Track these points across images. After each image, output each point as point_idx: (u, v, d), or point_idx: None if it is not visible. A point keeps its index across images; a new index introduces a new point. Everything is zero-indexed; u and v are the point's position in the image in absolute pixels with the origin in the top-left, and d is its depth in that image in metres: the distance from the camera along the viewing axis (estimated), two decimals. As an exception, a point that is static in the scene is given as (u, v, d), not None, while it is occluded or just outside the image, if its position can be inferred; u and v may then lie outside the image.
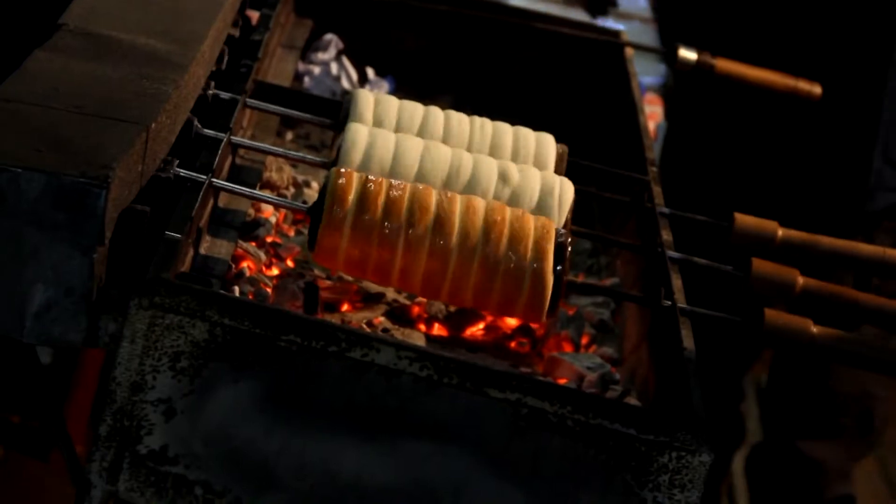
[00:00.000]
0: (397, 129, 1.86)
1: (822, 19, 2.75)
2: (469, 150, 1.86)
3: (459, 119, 1.89)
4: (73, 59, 1.63)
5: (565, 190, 1.78)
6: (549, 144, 1.90)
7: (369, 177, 1.65)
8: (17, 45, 1.68)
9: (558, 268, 1.64)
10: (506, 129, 1.91)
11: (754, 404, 4.00)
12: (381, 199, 1.63)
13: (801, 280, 1.78)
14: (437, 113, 1.89)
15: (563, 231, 1.68)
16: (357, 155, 1.76)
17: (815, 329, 1.68)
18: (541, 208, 1.76)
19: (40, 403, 1.70)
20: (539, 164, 1.88)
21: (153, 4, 1.84)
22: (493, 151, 1.87)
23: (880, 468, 3.82)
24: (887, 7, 2.70)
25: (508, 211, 1.67)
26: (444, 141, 1.86)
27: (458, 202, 1.65)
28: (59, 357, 2.24)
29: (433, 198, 1.64)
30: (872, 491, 3.70)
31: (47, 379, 1.63)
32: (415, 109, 1.89)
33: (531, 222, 1.65)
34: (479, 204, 1.66)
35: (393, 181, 1.66)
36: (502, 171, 1.78)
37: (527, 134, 1.91)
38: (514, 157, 1.87)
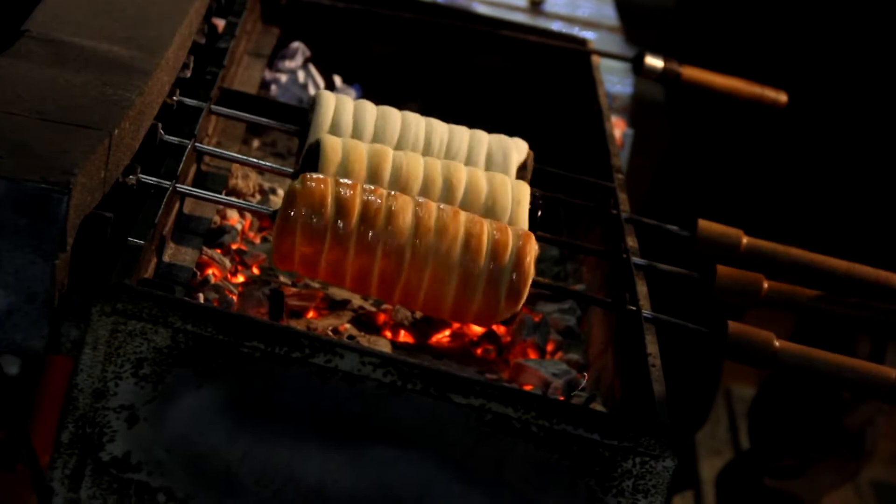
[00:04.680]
0: (355, 132, 1.87)
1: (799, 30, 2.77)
2: (426, 153, 1.88)
3: (416, 121, 1.91)
4: (36, 66, 1.63)
5: (520, 192, 1.79)
6: (511, 148, 1.92)
7: (341, 180, 1.67)
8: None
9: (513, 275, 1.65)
10: (463, 133, 1.92)
11: (724, 414, 4.01)
12: (341, 203, 1.64)
13: (765, 285, 1.79)
14: (395, 116, 1.91)
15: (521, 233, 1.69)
16: (332, 166, 1.77)
17: (778, 343, 1.68)
18: (495, 210, 1.77)
19: (6, 414, 1.69)
20: (498, 167, 1.90)
21: (117, 11, 1.83)
22: (450, 154, 1.89)
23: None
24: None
25: (464, 216, 1.68)
26: (401, 142, 1.88)
27: (431, 208, 1.67)
28: (26, 367, 2.23)
29: (384, 201, 1.66)
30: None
31: (13, 389, 1.62)
32: (372, 112, 1.91)
33: (484, 227, 1.67)
34: (439, 208, 1.68)
35: (351, 183, 1.67)
36: (455, 178, 1.80)
37: (481, 138, 1.92)
38: (470, 161, 1.89)
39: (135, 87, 1.64)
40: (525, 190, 1.81)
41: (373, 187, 1.68)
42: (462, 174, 1.80)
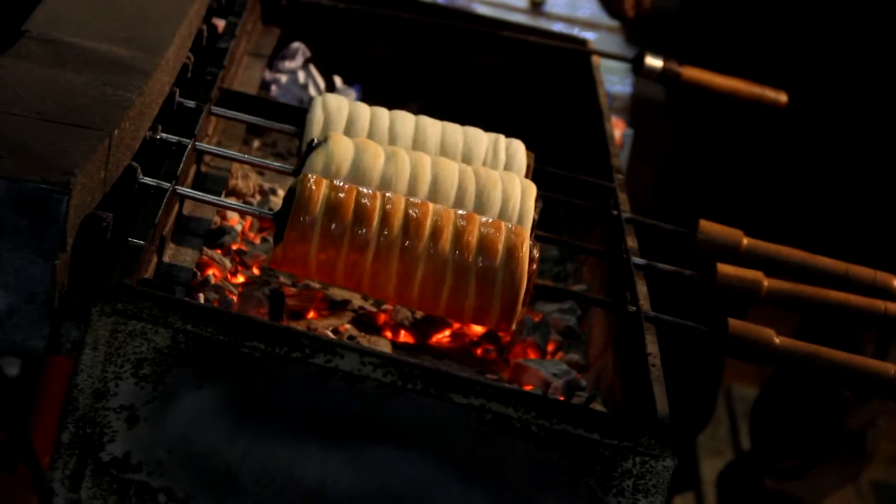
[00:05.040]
0: (349, 131, 1.87)
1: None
2: (421, 150, 1.88)
3: (407, 122, 1.91)
4: (36, 66, 1.63)
5: (528, 191, 1.79)
6: (518, 151, 1.92)
7: (337, 183, 1.66)
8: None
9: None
10: (457, 130, 1.93)
11: (725, 414, 4.01)
12: (351, 207, 1.64)
13: (766, 283, 1.79)
14: (384, 115, 1.91)
15: (530, 241, 1.68)
16: (319, 161, 1.77)
17: (778, 340, 1.68)
18: (504, 211, 1.77)
19: (7, 415, 1.69)
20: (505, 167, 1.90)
21: (117, 11, 1.83)
22: (445, 152, 1.89)
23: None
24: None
25: (453, 215, 1.68)
26: (392, 142, 1.88)
27: (430, 210, 1.67)
28: (26, 368, 2.23)
29: (402, 205, 1.66)
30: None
31: (13, 390, 1.62)
32: (366, 113, 1.91)
33: (477, 226, 1.67)
34: (447, 211, 1.67)
35: (361, 188, 1.67)
36: (462, 176, 1.80)
37: (481, 136, 1.93)
38: (469, 159, 1.90)
39: (135, 88, 1.64)
40: (531, 187, 1.81)
41: (369, 190, 1.67)
42: (459, 172, 1.80)
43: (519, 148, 1.94)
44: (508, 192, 1.79)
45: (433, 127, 1.93)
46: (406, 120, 1.93)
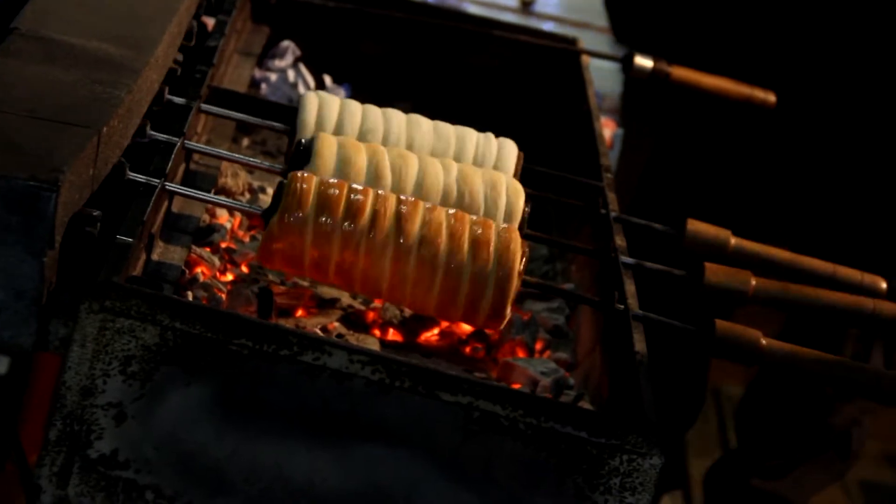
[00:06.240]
0: (339, 132, 1.87)
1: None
2: (410, 149, 1.88)
3: (399, 119, 1.91)
4: (26, 64, 1.63)
5: (514, 191, 1.80)
6: (508, 149, 1.93)
7: (327, 180, 1.67)
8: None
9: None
10: (449, 130, 1.93)
11: (713, 413, 4.02)
12: (344, 203, 1.65)
13: (753, 282, 1.79)
14: (376, 112, 1.91)
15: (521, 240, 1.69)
16: (329, 162, 1.77)
17: (764, 342, 1.68)
18: (489, 210, 1.78)
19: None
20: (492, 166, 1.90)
21: (107, 9, 1.83)
22: (436, 151, 1.90)
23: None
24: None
25: (444, 213, 1.68)
26: (385, 140, 1.88)
27: (421, 208, 1.67)
28: (14, 366, 2.23)
29: (372, 200, 1.66)
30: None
31: (1, 387, 1.62)
32: (358, 110, 1.91)
33: (474, 226, 1.67)
34: (437, 210, 1.68)
35: (354, 185, 1.68)
36: (448, 176, 1.80)
37: (470, 135, 1.93)
38: (459, 158, 1.90)
39: (124, 86, 1.64)
40: (520, 189, 1.82)
41: (358, 186, 1.68)
42: (459, 174, 1.81)
43: (509, 147, 1.94)
44: (496, 193, 1.79)
45: (426, 126, 1.93)
46: (397, 118, 1.93)
